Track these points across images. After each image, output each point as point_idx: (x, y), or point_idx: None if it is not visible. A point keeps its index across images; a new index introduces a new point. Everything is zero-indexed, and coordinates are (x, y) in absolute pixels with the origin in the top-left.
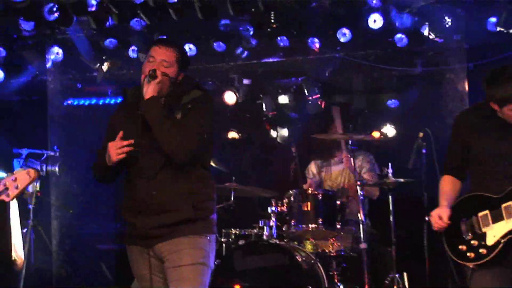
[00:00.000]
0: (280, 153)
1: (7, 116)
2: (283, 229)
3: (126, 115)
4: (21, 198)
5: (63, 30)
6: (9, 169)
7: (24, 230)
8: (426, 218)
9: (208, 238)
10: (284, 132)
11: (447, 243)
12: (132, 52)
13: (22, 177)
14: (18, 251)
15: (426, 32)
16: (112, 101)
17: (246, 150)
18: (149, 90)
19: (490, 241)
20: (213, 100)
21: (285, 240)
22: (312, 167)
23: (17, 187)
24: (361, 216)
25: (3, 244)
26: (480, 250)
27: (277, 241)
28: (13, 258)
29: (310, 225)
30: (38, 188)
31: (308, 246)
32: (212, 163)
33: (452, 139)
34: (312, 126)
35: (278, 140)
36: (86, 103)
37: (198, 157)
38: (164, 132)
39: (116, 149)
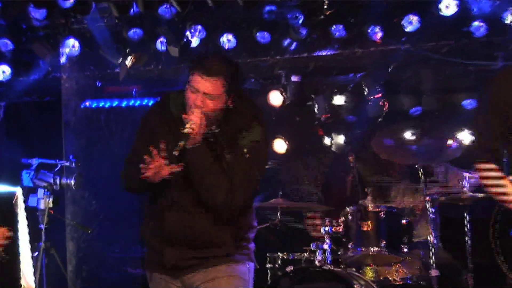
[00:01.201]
0: (335, 163)
1: (14, 120)
2: (339, 253)
3: (168, 127)
4: (31, 216)
5: (80, 19)
6: (17, 182)
7: (35, 254)
8: None
9: (247, 265)
10: (340, 138)
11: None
12: (160, 45)
13: None
14: (27, 278)
15: (508, 19)
16: (137, 103)
17: (295, 161)
18: (194, 133)
19: None
20: (267, 139)
21: (341, 266)
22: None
23: None
24: (431, 237)
25: (11, 270)
26: None
27: (332, 267)
28: (22, 287)
29: (370, 248)
30: (50, 205)
31: (369, 273)
32: None
33: (490, 108)
34: (373, 131)
35: (333, 148)
36: (107, 105)
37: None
38: (208, 184)
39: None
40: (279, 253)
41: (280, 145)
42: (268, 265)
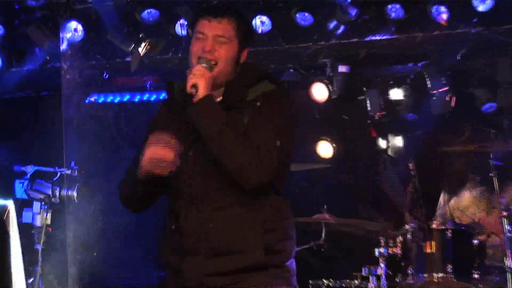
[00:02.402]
0: (391, 171)
1: (6, 119)
2: (396, 279)
3: (172, 119)
4: (26, 234)
5: None
6: (9, 194)
7: (30, 280)
8: None
9: None
10: (398, 141)
11: None
12: (180, 28)
13: None
14: None
15: None
16: (153, 98)
17: (343, 168)
18: (200, 84)
19: None
20: (292, 97)
21: None
22: (442, 194)
23: None
24: (508, 261)
25: None
26: None
27: None
28: None
29: (435, 274)
30: (48, 221)
31: None
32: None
33: None
34: (438, 132)
35: (389, 152)
36: (116, 100)
37: (273, 180)
38: (226, 147)
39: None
40: (324, 280)
41: (325, 149)
42: None
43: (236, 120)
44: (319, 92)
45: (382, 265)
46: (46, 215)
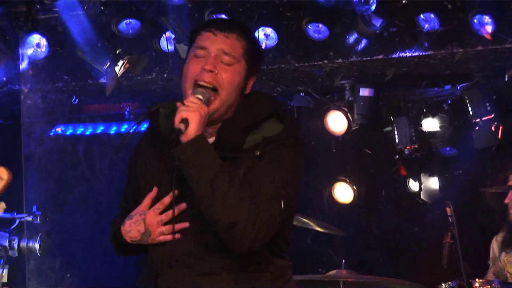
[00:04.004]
0: (425, 217)
1: None
2: None
3: (154, 156)
4: None
5: (48, 7)
6: None
7: None
8: None
9: None
10: (433, 182)
11: None
12: (166, 42)
13: None
14: None
15: None
16: (132, 130)
17: (366, 214)
18: (192, 120)
19: None
20: (302, 141)
21: None
22: (493, 246)
23: None
24: None
25: None
26: None
27: None
28: None
29: None
30: (4, 279)
31: None
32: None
33: None
34: (482, 171)
35: (422, 196)
36: (88, 132)
37: (273, 241)
38: (217, 202)
39: (158, 225)
40: None
41: (343, 192)
42: None
43: (229, 171)
44: (337, 121)
45: None
46: (2, 272)
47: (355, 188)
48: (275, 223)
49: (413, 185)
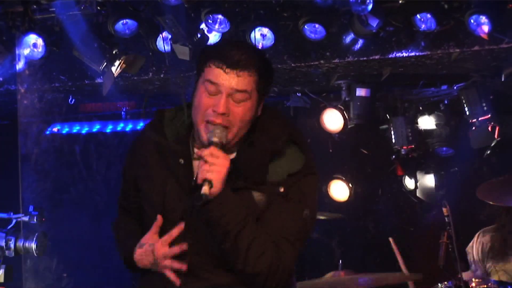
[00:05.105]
0: (422, 217)
1: None
2: None
3: (161, 160)
4: None
5: (44, 7)
6: None
7: None
8: None
9: None
10: (429, 181)
11: None
12: (163, 43)
13: None
14: None
15: None
16: (129, 128)
17: (362, 213)
18: (216, 181)
19: None
20: (299, 126)
21: None
22: (476, 246)
23: None
24: None
25: None
26: None
27: None
28: None
29: None
30: (1, 279)
31: None
32: None
33: None
34: (478, 170)
35: (418, 194)
36: (84, 131)
37: None
38: (240, 255)
39: (164, 257)
40: None
41: (339, 190)
42: None
43: (248, 204)
44: (333, 120)
45: None
46: None
47: (351, 186)
48: (293, 265)
49: (410, 184)
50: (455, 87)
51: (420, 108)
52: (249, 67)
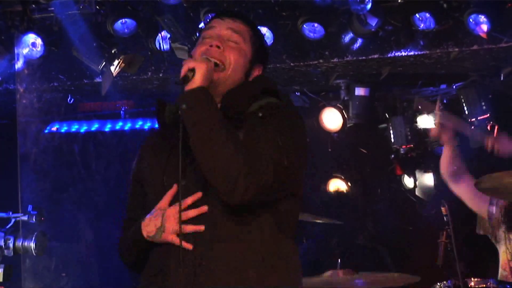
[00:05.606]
0: (420, 216)
1: None
2: None
3: (163, 145)
4: None
5: (43, 6)
6: None
7: None
8: None
9: None
10: (428, 179)
11: None
12: (161, 42)
13: None
14: None
15: None
16: (128, 127)
17: (361, 212)
18: (198, 70)
19: None
20: (301, 116)
21: None
22: (496, 208)
23: None
24: None
25: None
26: None
27: None
28: None
29: None
30: (0, 279)
31: None
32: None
33: None
34: (477, 170)
35: (417, 193)
36: (83, 130)
37: (271, 204)
38: (215, 149)
39: (175, 222)
40: None
41: (338, 189)
42: None
43: (230, 127)
44: (332, 119)
45: None
46: None
47: (349, 185)
48: (270, 180)
49: (409, 183)
50: (454, 87)
51: (419, 106)
52: (244, 20)
